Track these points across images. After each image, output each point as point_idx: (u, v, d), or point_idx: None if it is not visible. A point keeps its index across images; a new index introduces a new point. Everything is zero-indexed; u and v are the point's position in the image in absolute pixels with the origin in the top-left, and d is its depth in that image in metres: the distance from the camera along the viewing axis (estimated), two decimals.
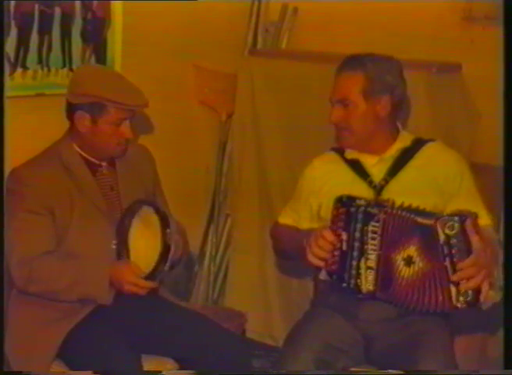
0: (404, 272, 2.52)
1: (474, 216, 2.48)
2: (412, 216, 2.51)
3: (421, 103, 3.30)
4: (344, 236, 2.56)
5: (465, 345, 3.04)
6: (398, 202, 2.55)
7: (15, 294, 2.78)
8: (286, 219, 2.91)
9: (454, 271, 2.44)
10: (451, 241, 2.43)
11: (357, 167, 2.78)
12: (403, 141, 2.79)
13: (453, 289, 2.46)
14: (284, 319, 3.74)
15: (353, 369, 2.70)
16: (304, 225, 2.82)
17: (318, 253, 2.57)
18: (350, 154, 2.81)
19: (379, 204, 2.56)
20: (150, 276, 2.67)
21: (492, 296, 2.48)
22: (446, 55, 3.46)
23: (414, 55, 3.46)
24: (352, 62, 2.72)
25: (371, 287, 2.56)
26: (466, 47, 3.46)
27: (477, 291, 2.45)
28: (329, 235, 2.56)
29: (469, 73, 3.44)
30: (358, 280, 2.56)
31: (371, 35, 3.60)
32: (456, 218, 2.44)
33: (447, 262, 2.45)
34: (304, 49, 3.87)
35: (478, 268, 2.43)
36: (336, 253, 2.57)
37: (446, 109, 3.43)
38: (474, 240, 2.44)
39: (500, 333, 2.40)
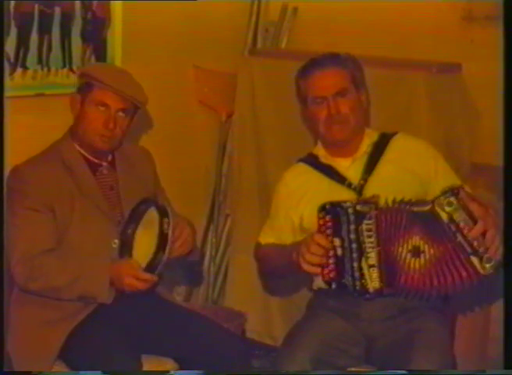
0: (414, 264, 2.53)
1: (462, 187, 2.53)
2: (405, 206, 2.53)
3: (420, 103, 3.30)
4: (337, 242, 2.56)
5: (465, 345, 3.03)
6: (382, 197, 2.57)
7: (16, 295, 2.79)
8: (267, 238, 2.89)
9: (469, 243, 2.46)
10: (454, 217, 2.46)
11: (331, 173, 2.79)
12: (370, 136, 2.83)
13: (475, 259, 2.48)
14: (284, 319, 3.74)
15: (352, 369, 2.70)
16: (288, 241, 2.80)
17: (312, 259, 2.56)
18: (325, 158, 2.82)
19: (366, 202, 2.57)
20: (148, 268, 2.63)
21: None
22: (446, 55, 3.45)
23: (414, 55, 3.46)
24: (331, 60, 2.78)
25: (377, 285, 2.56)
26: (466, 47, 3.46)
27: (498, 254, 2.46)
28: (322, 239, 2.56)
29: (469, 73, 3.44)
30: (363, 281, 2.56)
31: (371, 35, 3.60)
32: (449, 193, 2.47)
33: (459, 238, 2.47)
34: (304, 49, 3.86)
35: (491, 229, 2.45)
36: (331, 261, 2.57)
37: (446, 109, 3.43)
38: (474, 207, 2.46)
39: (500, 334, 2.39)
